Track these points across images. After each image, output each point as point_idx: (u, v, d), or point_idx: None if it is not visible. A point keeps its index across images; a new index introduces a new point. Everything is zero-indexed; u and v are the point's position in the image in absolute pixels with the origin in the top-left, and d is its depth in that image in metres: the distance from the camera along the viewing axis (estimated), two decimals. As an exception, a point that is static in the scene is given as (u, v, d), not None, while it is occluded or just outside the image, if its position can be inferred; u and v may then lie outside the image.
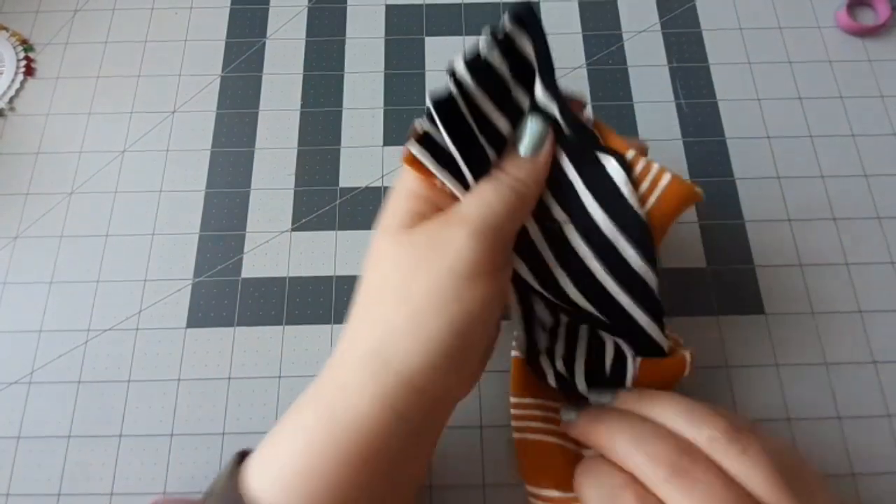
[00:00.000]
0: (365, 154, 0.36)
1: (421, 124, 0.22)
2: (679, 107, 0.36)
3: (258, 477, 0.21)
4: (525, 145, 0.23)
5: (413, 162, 0.22)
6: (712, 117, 0.36)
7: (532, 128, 0.23)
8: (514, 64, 0.23)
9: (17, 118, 0.37)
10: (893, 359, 0.30)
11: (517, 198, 0.22)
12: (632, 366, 0.24)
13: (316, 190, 0.35)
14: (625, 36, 0.39)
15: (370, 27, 0.39)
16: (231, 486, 0.21)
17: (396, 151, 0.36)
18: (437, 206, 0.23)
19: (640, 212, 0.23)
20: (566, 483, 0.24)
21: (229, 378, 0.31)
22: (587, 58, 0.38)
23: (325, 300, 0.32)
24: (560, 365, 0.25)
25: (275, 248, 0.33)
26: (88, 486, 0.29)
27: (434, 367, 0.21)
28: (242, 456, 0.23)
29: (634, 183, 0.23)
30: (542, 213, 0.24)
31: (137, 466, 0.29)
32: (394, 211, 0.23)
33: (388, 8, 0.40)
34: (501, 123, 0.23)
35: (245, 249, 0.33)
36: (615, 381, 0.24)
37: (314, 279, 0.33)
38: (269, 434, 0.22)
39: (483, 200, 0.22)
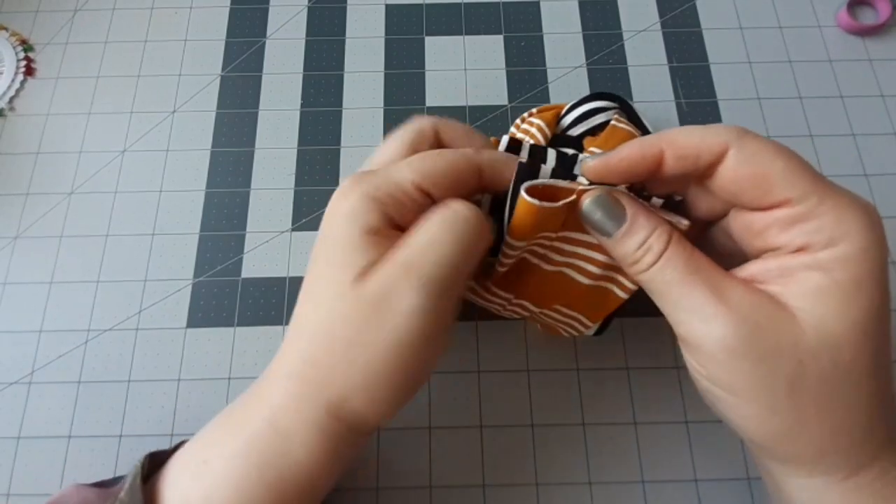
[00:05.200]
0: (365, 154, 0.35)
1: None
2: (679, 106, 0.36)
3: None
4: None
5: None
6: (712, 117, 0.36)
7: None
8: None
9: (17, 118, 0.37)
10: (893, 358, 0.30)
11: (475, 245, 0.21)
12: None
13: (316, 190, 0.35)
14: (625, 36, 0.39)
15: (370, 27, 0.39)
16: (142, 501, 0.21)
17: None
18: (388, 216, 0.21)
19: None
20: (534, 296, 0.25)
21: (229, 378, 0.31)
22: (587, 57, 0.38)
23: (325, 300, 0.32)
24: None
25: (275, 248, 0.33)
26: (88, 486, 0.29)
27: (380, 415, 0.22)
28: (153, 457, 0.23)
29: None
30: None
31: (137, 466, 0.29)
32: (342, 246, 0.21)
33: (388, 8, 0.40)
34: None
35: (245, 249, 0.33)
36: None
37: (314, 279, 0.33)
38: (190, 452, 0.22)
39: (435, 245, 0.20)
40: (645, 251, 0.20)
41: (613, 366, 0.31)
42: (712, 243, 0.23)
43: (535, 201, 0.20)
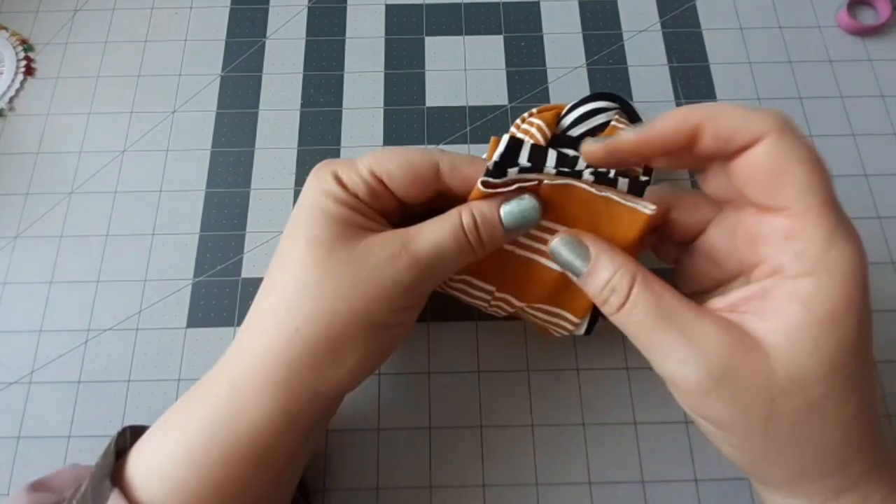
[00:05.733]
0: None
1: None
2: (679, 107, 0.36)
3: (141, 469, 0.21)
4: (511, 214, 0.22)
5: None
6: (712, 117, 0.36)
7: (524, 204, 0.22)
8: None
9: (17, 118, 0.37)
10: (894, 358, 0.30)
11: (469, 253, 0.23)
12: None
13: (316, 190, 0.35)
14: (625, 36, 0.39)
15: (370, 27, 0.39)
16: (105, 474, 0.21)
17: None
18: (361, 211, 0.23)
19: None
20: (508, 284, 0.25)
21: (229, 378, 0.31)
22: (587, 57, 0.38)
23: (325, 300, 0.32)
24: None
25: (275, 247, 0.33)
26: (88, 486, 0.29)
27: (342, 380, 0.22)
28: (133, 430, 0.24)
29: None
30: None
31: (137, 466, 0.29)
32: (319, 219, 0.22)
33: (388, 8, 0.40)
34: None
35: (245, 249, 0.33)
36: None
37: (314, 279, 0.33)
38: (158, 424, 0.23)
39: (439, 246, 0.22)
40: (610, 292, 0.21)
41: (613, 366, 0.31)
42: (700, 250, 0.23)
43: (487, 190, 0.22)
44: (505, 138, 0.24)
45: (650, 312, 0.20)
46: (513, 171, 0.22)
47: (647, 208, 0.22)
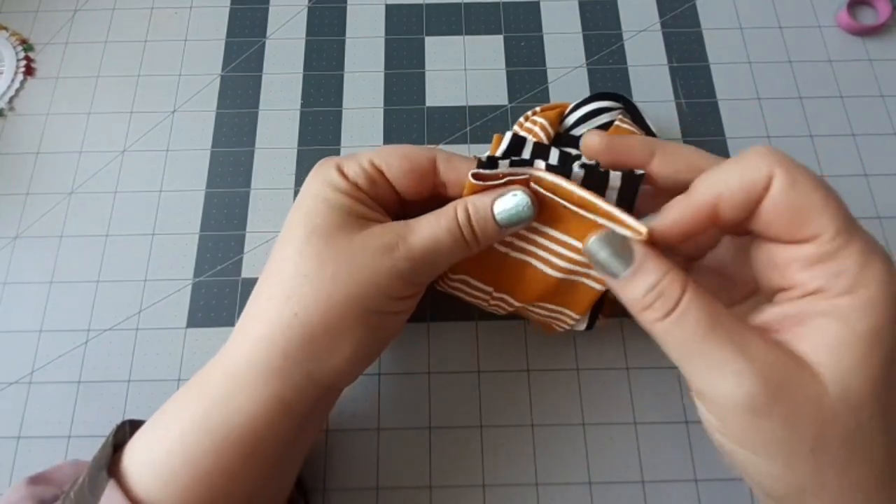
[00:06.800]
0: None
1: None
2: (679, 106, 0.36)
3: (136, 459, 0.21)
4: (505, 210, 0.22)
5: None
6: (712, 117, 0.36)
7: (518, 200, 0.22)
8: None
9: (17, 118, 0.37)
10: None
11: (464, 247, 0.23)
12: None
13: (316, 190, 0.35)
14: (625, 36, 0.39)
15: (370, 27, 0.39)
16: (102, 465, 0.21)
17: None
18: (361, 200, 0.23)
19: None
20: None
21: (229, 378, 0.31)
22: (587, 57, 0.38)
23: (325, 300, 0.32)
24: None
25: (275, 248, 0.33)
26: (88, 486, 0.29)
27: (339, 368, 0.22)
28: (132, 424, 0.23)
29: None
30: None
31: (137, 466, 0.29)
32: (319, 208, 0.23)
33: (388, 8, 0.40)
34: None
35: (245, 249, 0.33)
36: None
37: (314, 279, 0.33)
38: (155, 415, 0.23)
39: (434, 239, 0.22)
40: (656, 297, 0.20)
41: (613, 366, 0.31)
42: (709, 267, 0.23)
43: (478, 182, 0.22)
44: (508, 135, 0.24)
45: (703, 321, 0.19)
46: (504, 164, 0.22)
47: (640, 230, 0.20)
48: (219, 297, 0.32)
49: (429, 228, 0.22)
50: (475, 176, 0.22)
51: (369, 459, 0.29)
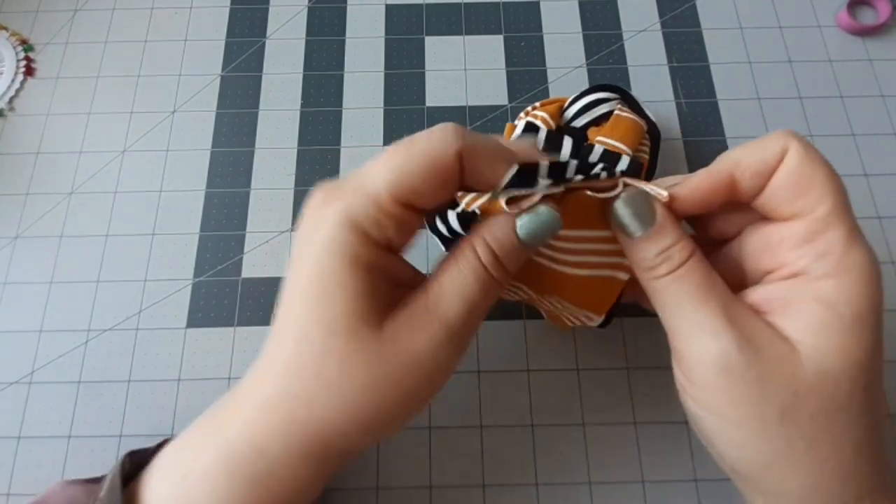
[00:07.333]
0: (365, 154, 0.36)
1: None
2: (679, 106, 0.36)
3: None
4: (531, 232, 0.20)
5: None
6: (712, 117, 0.36)
7: (543, 217, 0.20)
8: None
9: (17, 118, 0.37)
10: (894, 357, 0.30)
11: (497, 290, 0.21)
12: None
13: (316, 190, 0.35)
14: (625, 36, 0.39)
15: (370, 27, 0.39)
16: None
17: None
18: (370, 238, 0.19)
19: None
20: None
21: (229, 378, 0.31)
22: (587, 57, 0.38)
23: (325, 300, 0.32)
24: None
25: (275, 248, 0.33)
26: (88, 486, 0.29)
27: (372, 443, 0.22)
28: (133, 455, 0.22)
29: None
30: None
31: (137, 466, 0.29)
32: (328, 282, 0.19)
33: (388, 8, 0.40)
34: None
35: (245, 249, 0.33)
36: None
37: (314, 279, 0.33)
38: (170, 462, 0.21)
39: (465, 296, 0.20)
40: (663, 259, 0.20)
41: (613, 366, 0.31)
42: (729, 254, 0.23)
43: (508, 208, 0.20)
44: (520, 124, 0.24)
45: (698, 283, 0.20)
46: (543, 182, 0.20)
47: (661, 194, 0.21)
48: (219, 297, 0.32)
49: (456, 289, 0.20)
50: (509, 203, 0.20)
51: (369, 459, 0.29)
